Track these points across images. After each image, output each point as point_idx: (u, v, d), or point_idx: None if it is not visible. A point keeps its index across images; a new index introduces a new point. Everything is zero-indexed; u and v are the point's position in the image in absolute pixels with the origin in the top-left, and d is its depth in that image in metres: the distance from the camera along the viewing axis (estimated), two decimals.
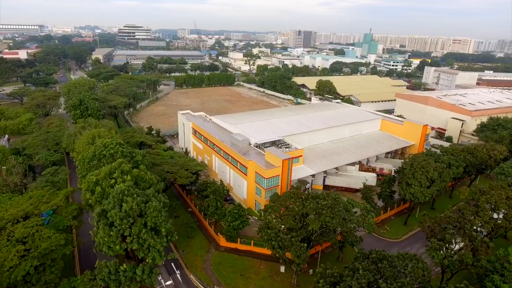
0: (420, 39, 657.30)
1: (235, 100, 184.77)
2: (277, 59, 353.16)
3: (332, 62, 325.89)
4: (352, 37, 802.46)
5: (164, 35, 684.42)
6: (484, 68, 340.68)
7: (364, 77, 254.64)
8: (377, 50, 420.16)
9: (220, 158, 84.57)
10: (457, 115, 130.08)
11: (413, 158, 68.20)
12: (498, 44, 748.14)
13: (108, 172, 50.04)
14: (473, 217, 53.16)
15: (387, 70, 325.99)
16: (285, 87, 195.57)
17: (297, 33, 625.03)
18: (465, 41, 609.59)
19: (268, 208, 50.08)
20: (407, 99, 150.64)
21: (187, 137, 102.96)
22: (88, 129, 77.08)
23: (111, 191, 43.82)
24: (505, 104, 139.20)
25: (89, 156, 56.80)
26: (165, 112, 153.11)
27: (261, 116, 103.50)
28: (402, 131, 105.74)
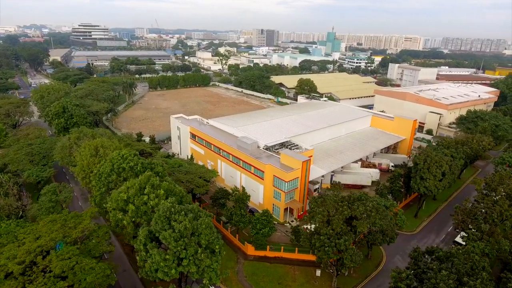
0: (375, 37, 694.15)
1: (216, 101, 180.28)
2: (246, 58, 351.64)
3: (300, 60, 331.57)
4: (312, 35, 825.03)
5: (122, 35, 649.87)
6: (437, 64, 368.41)
7: (335, 74, 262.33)
8: (340, 48, 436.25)
9: (228, 163, 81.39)
10: (434, 109, 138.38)
11: (425, 153, 70.69)
12: (443, 42, 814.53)
13: (138, 188, 45.35)
14: (493, 205, 56.34)
15: (352, 67, 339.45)
16: (264, 87, 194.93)
17: (260, 32, 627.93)
18: (415, 39, 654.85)
19: (313, 213, 48.65)
20: (386, 95, 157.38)
21: (184, 143, 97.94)
22: (84, 140, 69.84)
23: (157, 210, 39.59)
24: (473, 98, 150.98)
25: (106, 170, 51.06)
26: (146, 116, 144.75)
27: (259, 117, 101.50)
28: (393, 126, 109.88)
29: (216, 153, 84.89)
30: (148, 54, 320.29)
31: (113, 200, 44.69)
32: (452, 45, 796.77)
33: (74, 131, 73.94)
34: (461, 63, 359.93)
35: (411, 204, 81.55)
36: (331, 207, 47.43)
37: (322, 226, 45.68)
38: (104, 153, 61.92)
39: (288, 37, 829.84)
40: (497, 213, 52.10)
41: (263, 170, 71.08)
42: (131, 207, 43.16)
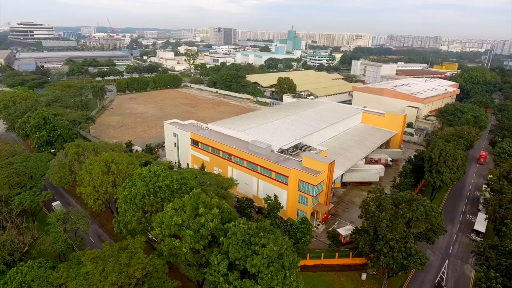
0: (328, 35, 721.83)
1: (194, 103, 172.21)
2: (210, 58, 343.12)
3: (266, 59, 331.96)
4: (267, 34, 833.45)
5: (67, 34, 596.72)
6: (389, 60, 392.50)
7: (304, 72, 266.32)
8: (301, 46, 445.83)
9: (241, 169, 77.00)
10: (411, 103, 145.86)
11: (439, 147, 73.00)
12: (388, 39, 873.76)
13: (192, 209, 39.96)
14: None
15: (315, 65, 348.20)
16: (241, 86, 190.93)
17: (217, 30, 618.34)
18: (365, 36, 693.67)
19: (374, 218, 46.94)
20: (364, 91, 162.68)
21: (183, 150, 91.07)
22: (87, 155, 60.95)
23: (233, 235, 34.79)
24: (441, 91, 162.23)
25: (141, 191, 44.33)
26: (123, 123, 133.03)
27: (259, 118, 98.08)
28: (384, 122, 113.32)
29: (226, 160, 79.92)
30: (105, 55, 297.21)
31: (165, 225, 38.70)
32: (396, 42, 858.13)
33: (71, 146, 63.97)
34: (412, 59, 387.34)
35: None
36: (390, 210, 46.20)
37: (386, 232, 44.18)
38: (117, 169, 54.40)
39: (244, 36, 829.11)
40: None
41: (287, 175, 68.12)
42: (188, 232, 37.68)
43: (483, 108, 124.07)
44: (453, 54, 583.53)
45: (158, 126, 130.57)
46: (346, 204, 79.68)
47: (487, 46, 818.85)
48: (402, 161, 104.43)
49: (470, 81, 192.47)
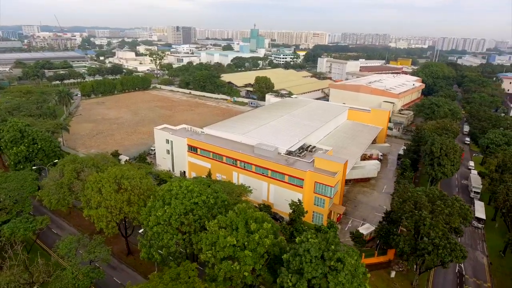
0: (287, 33, 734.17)
1: (169, 105, 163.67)
2: (174, 57, 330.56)
3: (232, 57, 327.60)
4: (226, 32, 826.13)
5: (6, 34, 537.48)
6: (349, 57, 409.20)
7: (274, 70, 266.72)
8: (264, 44, 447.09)
9: (249, 174, 73.81)
10: (387, 98, 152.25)
11: (439, 141, 76.07)
12: (342, 37, 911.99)
13: (243, 226, 36.54)
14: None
15: (281, 63, 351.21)
16: (216, 86, 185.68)
17: (176, 29, 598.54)
18: (322, 35, 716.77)
19: (413, 217, 46.80)
20: (341, 88, 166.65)
21: (178, 157, 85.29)
22: (85, 171, 53.84)
23: (306, 252, 32.01)
24: (410, 86, 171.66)
25: (178, 211, 39.54)
26: (98, 130, 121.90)
27: (254, 120, 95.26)
28: (370, 118, 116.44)
29: (231, 165, 76.12)
30: (58, 56, 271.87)
31: (218, 247, 34.75)
32: (349, 39, 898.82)
33: (66, 162, 55.85)
34: (371, 56, 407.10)
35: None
36: (427, 208, 46.49)
37: (429, 229, 44.30)
38: (130, 186, 48.59)
39: (203, 34, 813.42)
40: None
41: (302, 178, 66.42)
42: (247, 253, 34.24)
43: (454, 102, 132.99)
44: (402, 50, 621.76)
45: (137, 132, 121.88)
46: (352, 202, 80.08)
47: (429, 43, 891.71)
48: (389, 155, 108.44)
49: (431, 75, 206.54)
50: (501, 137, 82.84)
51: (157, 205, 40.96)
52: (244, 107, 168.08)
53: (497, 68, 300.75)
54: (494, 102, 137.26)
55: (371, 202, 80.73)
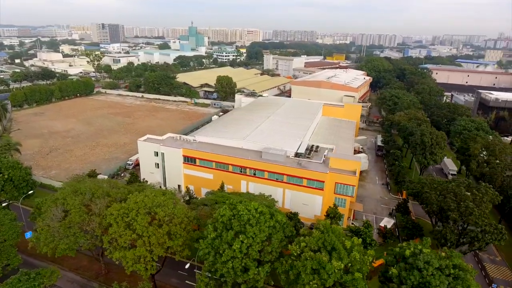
0: (221, 30, 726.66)
1: (125, 111, 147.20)
2: (110, 58, 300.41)
3: (175, 57, 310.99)
4: (156, 30, 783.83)
5: None
6: (288, 53, 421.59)
7: (225, 69, 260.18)
8: (204, 42, 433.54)
9: (261, 181, 69.46)
10: (347, 92, 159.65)
11: (428, 131, 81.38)
12: (273, 34, 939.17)
13: (339, 247, 33.15)
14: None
15: (225, 61, 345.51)
16: (172, 88, 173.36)
17: (101, 26, 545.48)
18: (256, 32, 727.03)
19: (461, 209, 48.31)
20: (302, 85, 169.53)
21: (171, 170, 76.30)
22: (99, 204, 43.92)
23: (426, 267, 29.88)
24: (362, 80, 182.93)
25: (260, 238, 33.94)
26: (50, 147, 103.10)
27: (244, 123, 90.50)
28: (344, 113, 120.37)
29: (239, 174, 70.69)
30: None
31: (325, 274, 30.66)
32: (280, 36, 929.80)
33: (66, 194, 43.90)
34: (309, 52, 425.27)
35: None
36: (468, 198, 48.66)
37: (479, 219, 46.31)
38: (166, 215, 41.06)
39: (131, 32, 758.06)
40: None
41: (323, 180, 64.62)
42: (358, 275, 30.98)
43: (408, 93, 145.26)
44: (329, 46, 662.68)
45: (100, 145, 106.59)
46: (356, 197, 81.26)
47: (350, 39, 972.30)
48: (366, 147, 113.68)
49: (373, 69, 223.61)
50: (471, 123, 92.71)
51: (227, 236, 34.53)
52: (208, 108, 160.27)
53: (417, 61, 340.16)
54: (439, 91, 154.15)
55: (372, 195, 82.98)
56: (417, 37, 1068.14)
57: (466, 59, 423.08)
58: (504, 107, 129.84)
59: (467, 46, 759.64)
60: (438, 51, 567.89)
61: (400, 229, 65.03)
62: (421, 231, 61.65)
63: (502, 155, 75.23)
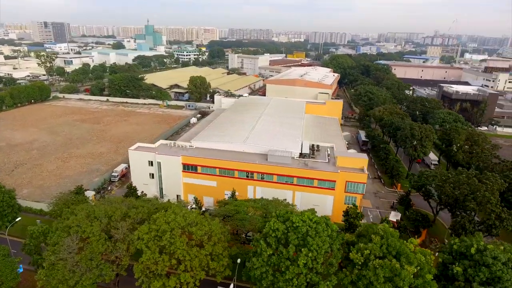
0: (176, 29, 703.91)
1: (91, 118, 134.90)
2: (61, 59, 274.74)
3: (133, 57, 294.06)
4: (105, 29, 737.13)
5: None
6: (249, 51, 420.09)
7: (190, 69, 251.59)
8: (162, 41, 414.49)
9: (269, 185, 67.25)
10: (321, 89, 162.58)
11: (417, 125, 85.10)
12: (229, 32, 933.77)
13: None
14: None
15: (185, 60, 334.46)
16: (141, 90, 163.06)
17: (43, 24, 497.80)
18: (212, 30, 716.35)
19: (478, 198, 50.40)
20: (277, 83, 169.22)
21: (169, 180, 70.90)
22: (121, 228, 38.70)
23: (496, 262, 30.08)
24: (333, 77, 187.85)
25: (324, 250, 31.70)
26: (15, 162, 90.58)
27: (238, 126, 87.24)
28: (326, 110, 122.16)
29: (245, 179, 67.75)
30: None
31: (401, 282, 29.57)
32: (237, 35, 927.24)
33: (80, 221, 37.22)
34: (271, 50, 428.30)
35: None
36: (481, 188, 51.21)
37: (496, 208, 48.83)
38: (204, 234, 37.38)
39: (77, 31, 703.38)
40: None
41: (334, 180, 64.20)
42: (428, 277, 30.44)
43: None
44: (286, 44, 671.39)
45: (74, 156, 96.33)
46: None
47: (304, 37, 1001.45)
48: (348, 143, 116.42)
49: (339, 66, 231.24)
50: (449, 116, 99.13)
51: (287, 251, 31.77)
52: (182, 111, 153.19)
53: (372, 58, 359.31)
54: (406, 85, 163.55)
55: (368, 190, 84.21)
56: (364, 35, 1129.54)
57: (411, 55, 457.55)
58: (465, 99, 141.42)
59: (409, 43, 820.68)
60: (386, 48, 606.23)
61: (406, 221, 66.96)
62: (429, 222, 63.99)
63: (483, 144, 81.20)
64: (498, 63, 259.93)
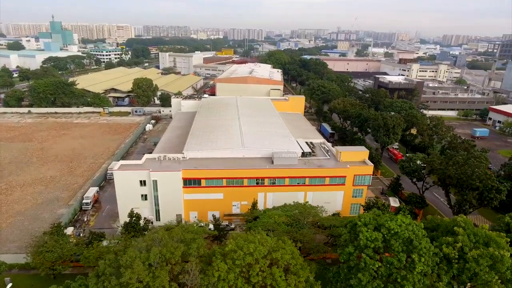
0: (84, 26, 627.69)
1: (18, 134, 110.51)
2: None
3: (43, 59, 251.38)
4: None
5: None
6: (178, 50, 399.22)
7: (118, 70, 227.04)
8: (73, 40, 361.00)
9: (282, 189, 64.69)
10: (272, 86, 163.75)
11: (387, 116, 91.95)
12: (145, 29, 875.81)
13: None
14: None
15: (106, 60, 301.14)
16: (74, 97, 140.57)
17: None
18: (127, 27, 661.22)
19: (480, 176, 56.12)
20: (227, 82, 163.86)
21: (168, 198, 62.15)
22: (193, 268, 32.02)
23: None
24: (278, 73, 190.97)
25: (433, 250, 30.62)
26: None
27: (224, 130, 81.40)
28: (289, 105, 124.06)
29: (256, 186, 63.67)
30: None
31: None
32: (153, 32, 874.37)
33: (133, 260, 28.72)
34: (198, 47, 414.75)
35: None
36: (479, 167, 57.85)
37: (495, 183, 55.59)
38: (293, 261, 33.57)
39: None
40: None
41: (344, 175, 64.81)
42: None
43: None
44: (206, 41, 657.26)
45: (17, 185, 77.87)
46: None
47: (222, 33, 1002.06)
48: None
49: (277, 62, 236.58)
50: (405, 104, 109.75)
51: (401, 261, 29.83)
52: (130, 117, 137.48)
53: (297, 52, 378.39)
54: (349, 78, 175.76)
55: None
56: (277, 32, 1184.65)
57: (327, 50, 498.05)
58: (399, 88, 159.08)
59: (318, 38, 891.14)
60: (303, 43, 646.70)
61: (403, 205, 71.86)
62: (425, 203, 69.77)
63: (443, 128, 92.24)
64: (405, 54, 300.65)
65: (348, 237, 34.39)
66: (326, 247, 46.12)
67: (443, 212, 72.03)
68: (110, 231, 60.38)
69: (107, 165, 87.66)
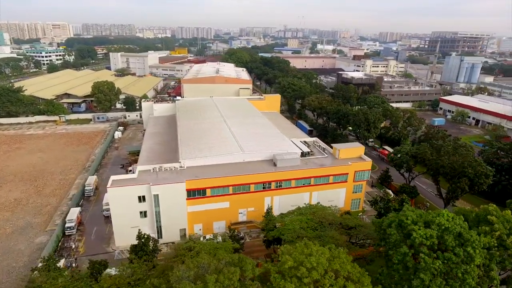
0: (13, 25, 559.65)
1: None
2: None
3: None
4: None
5: None
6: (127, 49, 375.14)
7: (65, 72, 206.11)
8: (5, 40, 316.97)
9: (288, 192, 63.39)
10: (241, 85, 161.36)
11: (366, 111, 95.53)
12: (84, 28, 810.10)
13: None
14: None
15: (46, 62, 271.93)
16: (22, 106, 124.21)
17: None
18: (64, 26, 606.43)
19: (471, 162, 60.34)
20: (195, 82, 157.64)
21: (170, 213, 57.27)
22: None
23: None
24: (244, 72, 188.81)
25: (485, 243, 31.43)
26: None
27: (216, 134, 77.40)
28: (265, 104, 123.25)
29: (262, 191, 61.50)
30: None
31: None
32: (93, 31, 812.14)
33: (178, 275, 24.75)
34: (149, 47, 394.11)
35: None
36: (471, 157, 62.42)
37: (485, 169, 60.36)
38: (346, 269, 32.56)
39: None
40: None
41: (347, 172, 65.52)
42: None
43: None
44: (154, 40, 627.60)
45: None
46: None
47: (169, 32, 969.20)
48: None
49: (238, 61, 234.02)
50: (377, 99, 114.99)
51: (459, 256, 30.10)
52: (92, 125, 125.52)
53: (253, 50, 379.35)
54: (314, 75, 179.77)
55: None
56: (226, 30, 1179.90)
57: (279, 47, 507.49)
58: (362, 83, 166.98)
59: (266, 36, 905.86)
60: (254, 41, 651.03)
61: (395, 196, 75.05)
62: (416, 192, 73.57)
63: (416, 120, 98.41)
64: (357, 51, 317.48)
65: (399, 237, 34.21)
66: (355, 247, 45.94)
67: (430, 200, 76.67)
68: (106, 256, 53.65)
69: (82, 181, 78.57)
